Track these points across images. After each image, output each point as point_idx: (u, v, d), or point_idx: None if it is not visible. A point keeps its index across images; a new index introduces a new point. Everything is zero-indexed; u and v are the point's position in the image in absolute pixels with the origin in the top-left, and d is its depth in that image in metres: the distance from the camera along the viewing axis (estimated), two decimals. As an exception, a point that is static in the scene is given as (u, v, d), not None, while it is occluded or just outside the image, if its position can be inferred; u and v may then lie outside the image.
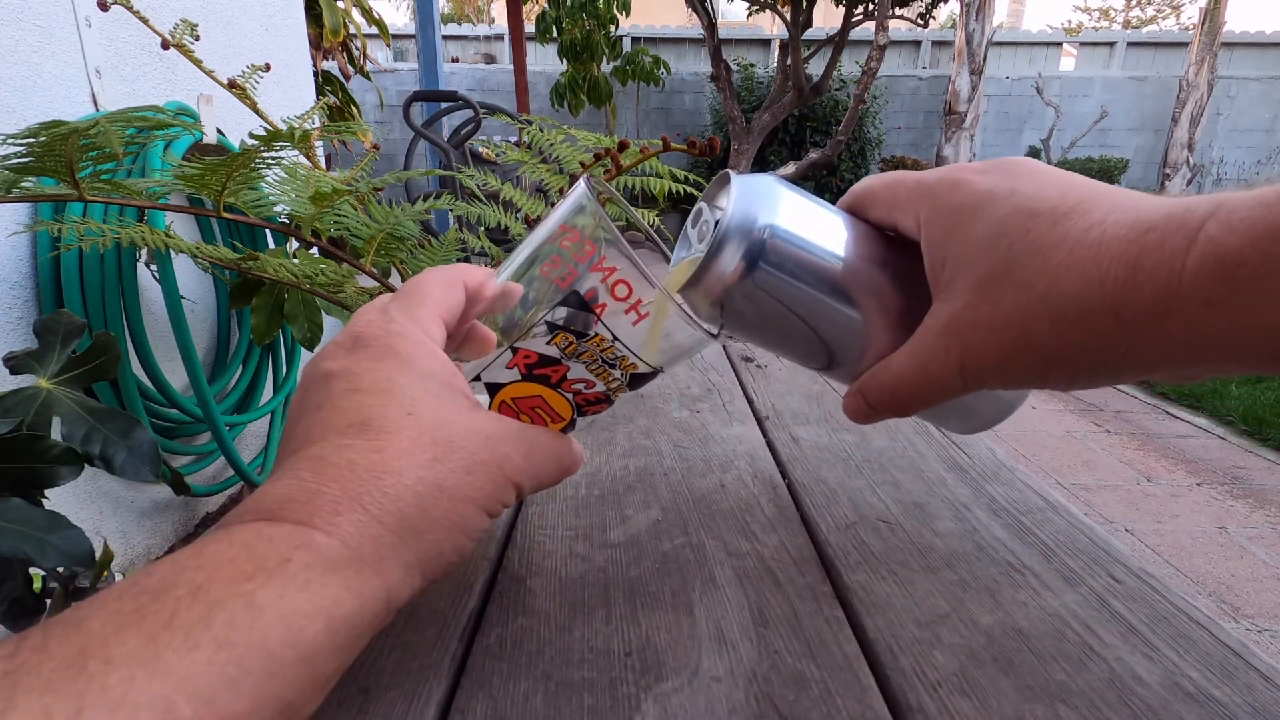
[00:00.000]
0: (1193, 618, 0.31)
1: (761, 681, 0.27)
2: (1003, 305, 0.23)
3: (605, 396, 0.31)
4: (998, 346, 0.24)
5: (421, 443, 0.25)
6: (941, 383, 0.26)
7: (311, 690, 0.20)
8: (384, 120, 7.03)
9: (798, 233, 0.28)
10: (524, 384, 0.30)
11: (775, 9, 6.65)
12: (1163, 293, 0.20)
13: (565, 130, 0.83)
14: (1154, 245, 0.20)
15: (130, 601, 0.18)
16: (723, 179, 0.31)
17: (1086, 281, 0.21)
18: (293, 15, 1.99)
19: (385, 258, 0.79)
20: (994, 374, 0.25)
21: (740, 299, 0.29)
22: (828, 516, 0.40)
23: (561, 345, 0.29)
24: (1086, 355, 0.23)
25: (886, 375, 0.28)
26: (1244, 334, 0.19)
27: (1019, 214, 0.23)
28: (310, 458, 0.24)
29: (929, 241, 0.27)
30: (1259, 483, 2.07)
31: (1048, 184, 0.24)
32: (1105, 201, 0.22)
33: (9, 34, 1.10)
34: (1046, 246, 0.22)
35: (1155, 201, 0.21)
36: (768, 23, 10.34)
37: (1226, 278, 0.19)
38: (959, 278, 0.25)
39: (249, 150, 0.64)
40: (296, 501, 0.22)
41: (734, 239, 0.28)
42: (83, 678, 0.16)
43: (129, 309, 1.22)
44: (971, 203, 0.25)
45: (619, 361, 0.29)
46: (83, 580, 0.67)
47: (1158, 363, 0.22)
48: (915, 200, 0.27)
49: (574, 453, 0.30)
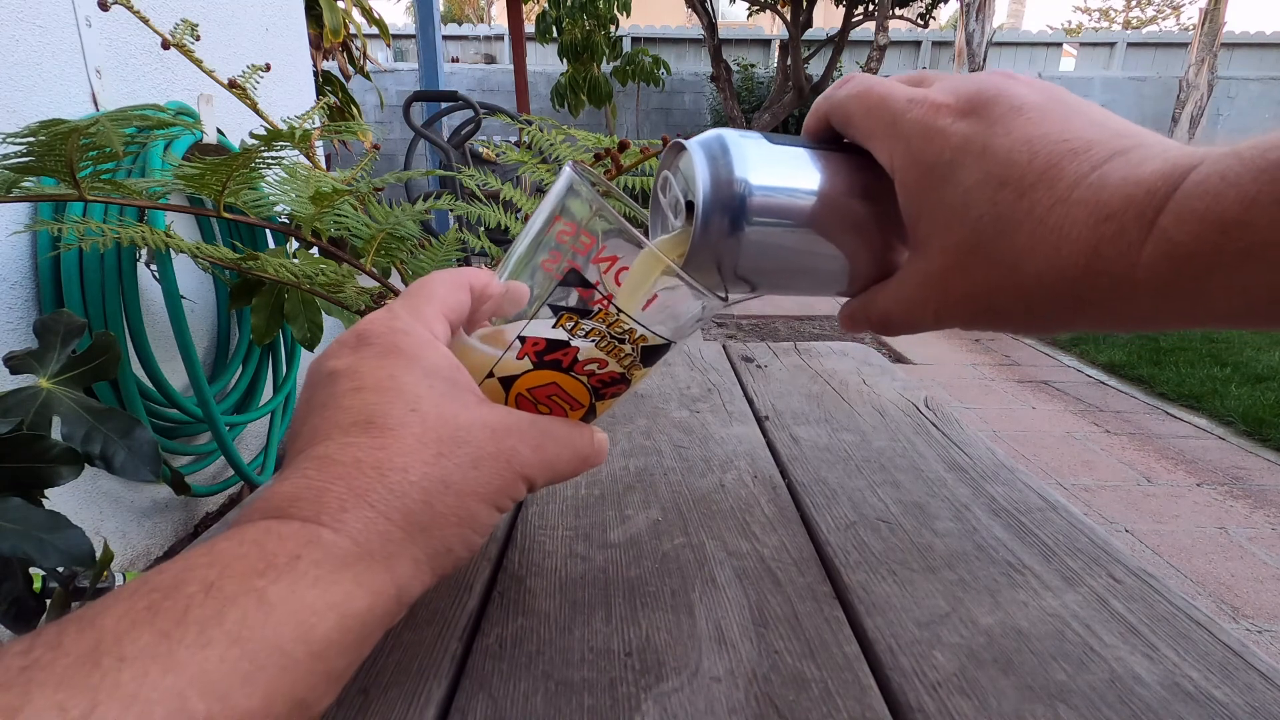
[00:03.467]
0: (1193, 618, 0.31)
1: (761, 681, 0.27)
2: (972, 277, 0.25)
3: (621, 376, 0.31)
4: (968, 309, 0.26)
5: (426, 439, 0.25)
6: (920, 324, 0.28)
7: (324, 686, 0.21)
8: (384, 120, 7.03)
9: (773, 182, 0.28)
10: (536, 373, 0.30)
11: (775, 9, 6.65)
12: (1120, 281, 0.21)
13: (565, 130, 0.83)
14: (1112, 236, 0.21)
15: (143, 599, 0.18)
16: (676, 147, 0.31)
17: (1048, 266, 0.22)
18: (293, 15, 1.99)
19: (385, 258, 0.79)
20: (965, 325, 0.27)
21: (737, 260, 0.29)
22: (828, 516, 0.40)
23: (568, 326, 0.29)
24: (1050, 323, 0.24)
25: (874, 311, 0.30)
26: (1198, 316, 0.21)
27: (987, 183, 0.24)
28: (316, 456, 0.24)
29: (902, 192, 0.27)
30: (1259, 483, 2.07)
31: (1018, 137, 0.24)
32: (1071, 168, 0.22)
33: (9, 34, 1.10)
34: (1012, 224, 0.23)
35: (1117, 177, 0.21)
36: (768, 23, 10.34)
37: (1178, 270, 0.20)
38: (932, 240, 0.26)
39: (249, 150, 0.64)
40: (304, 499, 0.23)
41: (716, 209, 0.28)
42: (96, 674, 0.16)
43: (129, 309, 1.22)
44: (945, 160, 0.25)
45: (627, 335, 0.29)
46: (83, 580, 0.67)
47: (1117, 329, 0.24)
48: (890, 140, 0.27)
49: (592, 442, 0.30)
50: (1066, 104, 0.25)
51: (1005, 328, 0.26)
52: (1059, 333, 0.26)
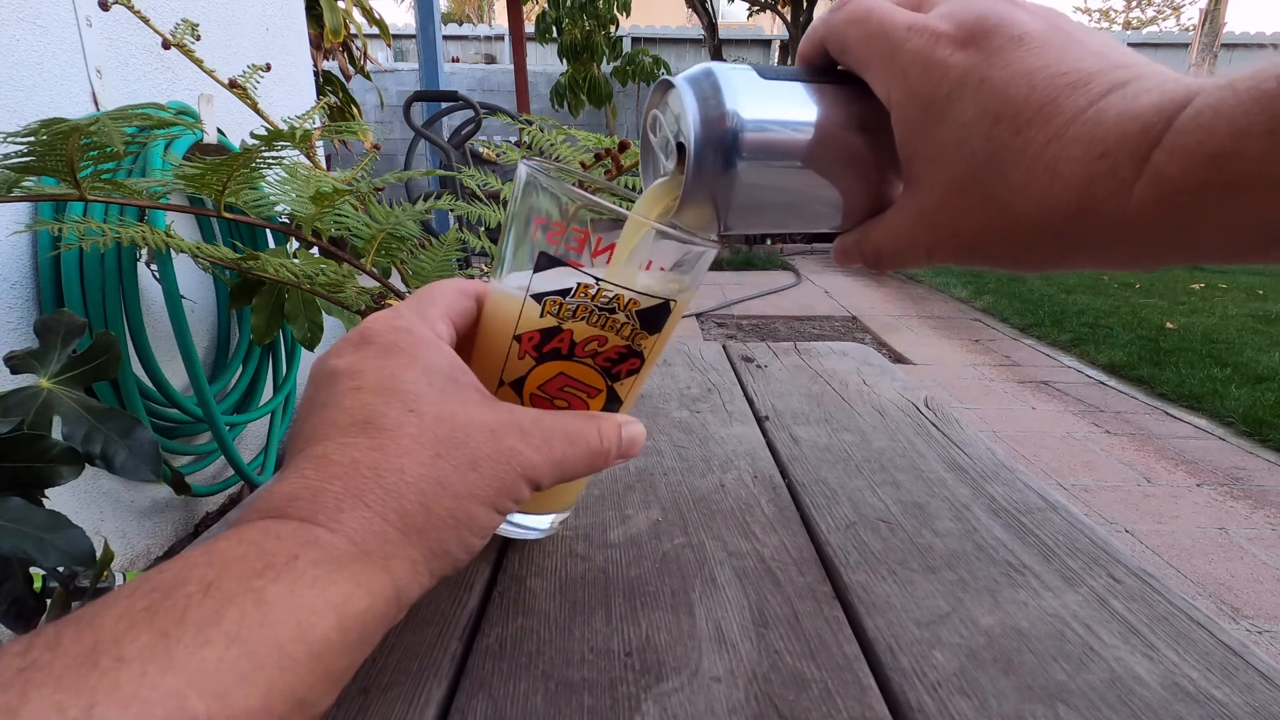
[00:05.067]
0: (1193, 618, 0.31)
1: (761, 681, 0.27)
2: (964, 217, 0.25)
3: (627, 349, 0.30)
4: (959, 247, 0.26)
5: (423, 440, 0.25)
6: (912, 261, 0.28)
7: (325, 686, 0.21)
8: (384, 120, 7.03)
9: (766, 115, 0.27)
10: (542, 368, 0.30)
11: (776, 9, 6.65)
12: (1110, 222, 0.21)
13: (565, 130, 0.84)
14: (1105, 173, 0.21)
15: (142, 599, 0.18)
16: (664, 85, 0.29)
17: (1040, 205, 0.22)
18: (293, 15, 1.99)
19: (386, 258, 0.79)
20: (957, 262, 0.27)
21: (731, 198, 0.28)
22: (828, 516, 0.40)
23: (554, 311, 0.29)
24: (1036, 262, 0.25)
25: (868, 246, 0.29)
26: (1186, 252, 0.21)
27: (983, 118, 0.23)
28: (314, 456, 0.24)
29: (899, 126, 0.26)
30: (1259, 484, 2.07)
31: (1017, 70, 0.23)
32: (1068, 103, 0.22)
33: (10, 34, 1.10)
34: (1007, 162, 0.23)
35: (1113, 112, 0.21)
36: (768, 23, 10.34)
37: (1168, 206, 0.19)
38: (926, 176, 0.26)
39: (250, 150, 0.64)
40: (301, 499, 0.23)
41: (708, 146, 0.26)
42: (95, 674, 0.16)
43: (129, 309, 1.22)
44: (942, 95, 0.24)
45: (615, 302, 0.29)
46: (83, 580, 0.67)
47: (1103, 267, 0.24)
48: (888, 73, 0.26)
49: (604, 436, 0.28)
50: (1068, 33, 0.24)
51: (995, 267, 0.26)
52: (1047, 272, 0.26)
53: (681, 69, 0.29)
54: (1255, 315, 4.01)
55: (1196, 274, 5.36)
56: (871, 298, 4.50)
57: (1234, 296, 4.57)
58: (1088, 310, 4.04)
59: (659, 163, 0.31)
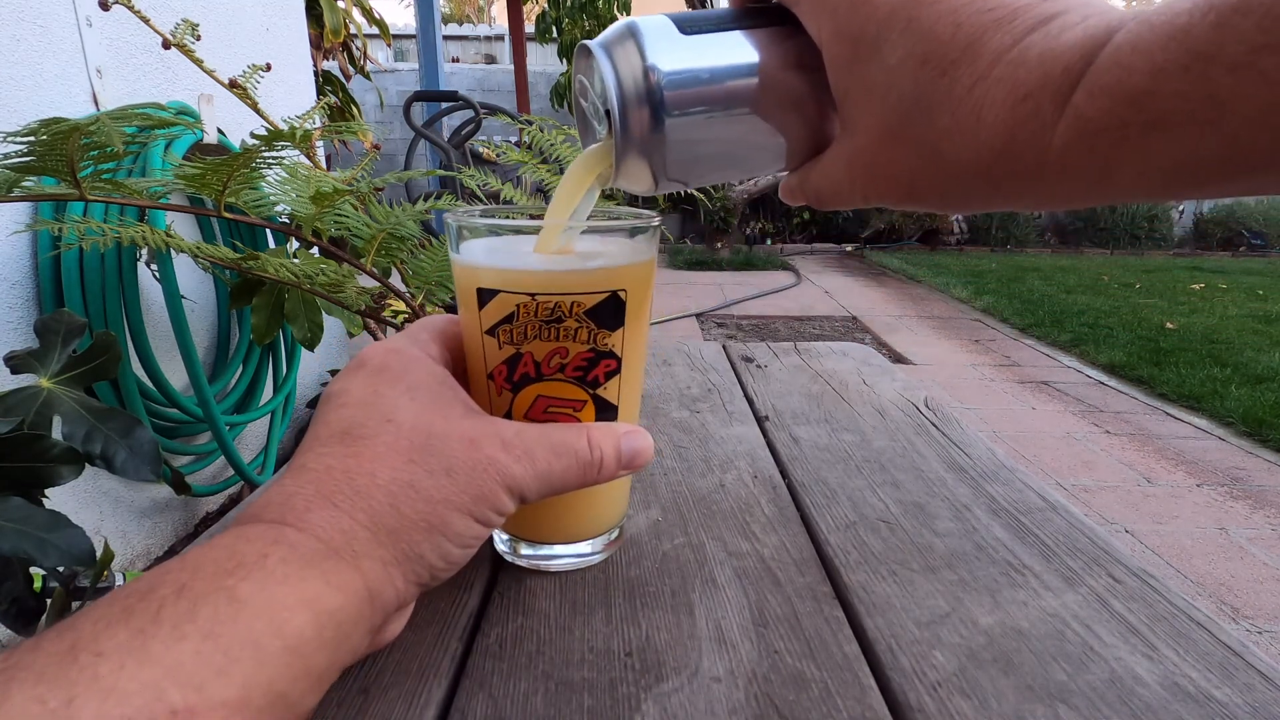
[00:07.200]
0: (1193, 618, 0.31)
1: (761, 681, 0.27)
2: (895, 161, 0.25)
3: (594, 353, 0.30)
4: (893, 190, 0.26)
5: (398, 446, 0.25)
6: (850, 202, 0.28)
7: (306, 683, 0.21)
8: (384, 120, 7.03)
9: (688, 65, 0.26)
10: (519, 397, 0.30)
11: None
12: (1033, 165, 0.21)
13: (565, 130, 0.83)
14: (1027, 117, 0.20)
15: (119, 604, 0.19)
16: (583, 50, 0.28)
17: (966, 149, 0.22)
18: (293, 15, 1.99)
19: (386, 257, 0.79)
20: (892, 203, 0.27)
21: (666, 156, 0.27)
22: (828, 516, 0.40)
23: (509, 339, 0.29)
24: (966, 204, 0.24)
25: (809, 187, 0.29)
26: (1103, 191, 0.21)
27: (910, 59, 0.23)
28: (294, 467, 0.25)
29: (830, 67, 0.26)
30: (1259, 484, 2.07)
31: (944, 8, 0.23)
32: (994, 42, 0.22)
33: (10, 33, 1.10)
34: (933, 105, 0.22)
35: (1035, 52, 0.20)
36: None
37: (1088, 149, 0.19)
38: (857, 119, 0.25)
39: (250, 150, 0.64)
40: (273, 504, 0.24)
41: (632, 109, 0.26)
42: (74, 668, 0.17)
43: (129, 308, 1.22)
44: (870, 35, 0.24)
45: (559, 310, 0.28)
46: (83, 580, 0.67)
47: (1025, 208, 0.24)
48: (817, 11, 0.26)
49: (598, 445, 0.28)
50: None
51: (928, 209, 0.26)
52: (974, 211, 0.26)
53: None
54: (1255, 315, 4.01)
55: (1196, 274, 5.36)
56: (871, 298, 4.50)
57: (1234, 296, 4.57)
58: (1088, 310, 4.04)
59: (594, 129, 0.30)
